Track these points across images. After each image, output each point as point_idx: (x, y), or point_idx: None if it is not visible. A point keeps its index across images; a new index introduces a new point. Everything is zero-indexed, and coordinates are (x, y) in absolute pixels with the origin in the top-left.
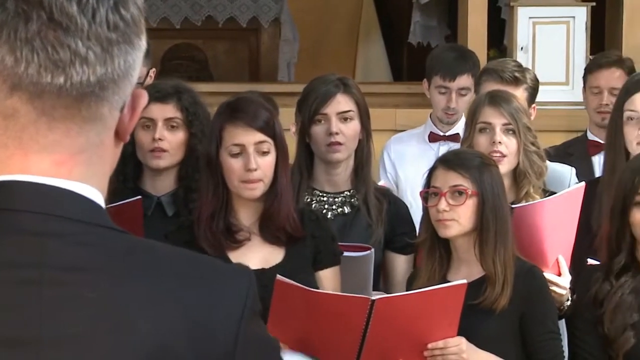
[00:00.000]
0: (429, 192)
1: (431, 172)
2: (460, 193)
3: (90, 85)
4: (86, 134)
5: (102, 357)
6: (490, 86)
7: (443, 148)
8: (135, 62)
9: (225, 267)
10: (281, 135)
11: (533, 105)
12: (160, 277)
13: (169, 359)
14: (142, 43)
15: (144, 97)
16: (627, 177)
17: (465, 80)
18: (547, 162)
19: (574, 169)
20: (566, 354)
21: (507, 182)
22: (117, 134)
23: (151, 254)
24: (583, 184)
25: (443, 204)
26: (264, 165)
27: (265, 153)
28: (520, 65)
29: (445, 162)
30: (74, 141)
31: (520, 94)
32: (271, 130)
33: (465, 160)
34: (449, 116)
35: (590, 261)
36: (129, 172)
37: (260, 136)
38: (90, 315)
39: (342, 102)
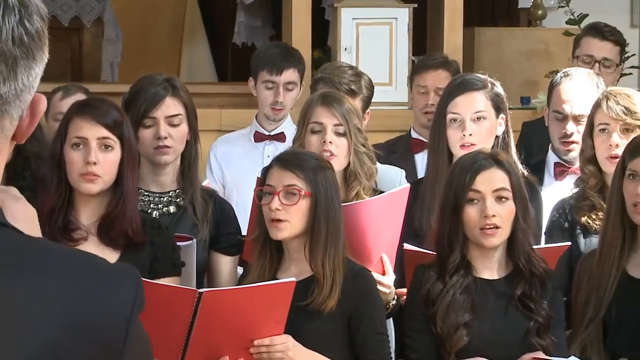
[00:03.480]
0: (263, 191)
1: (267, 170)
2: (294, 193)
3: None
4: None
5: None
6: None
7: (269, 147)
8: (38, 74)
9: (115, 267)
10: (130, 138)
11: (367, 111)
12: (50, 274)
13: (58, 354)
14: (45, 55)
15: (43, 102)
16: (457, 175)
17: (291, 75)
18: (378, 163)
19: (403, 171)
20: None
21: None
22: (14, 137)
23: (42, 251)
24: (408, 185)
25: (276, 203)
26: (105, 161)
27: (108, 149)
28: (356, 73)
29: (281, 161)
30: None
31: (356, 104)
32: (118, 129)
33: (301, 161)
34: (276, 112)
35: (407, 246)
36: None
37: (104, 132)
38: None
39: (171, 106)
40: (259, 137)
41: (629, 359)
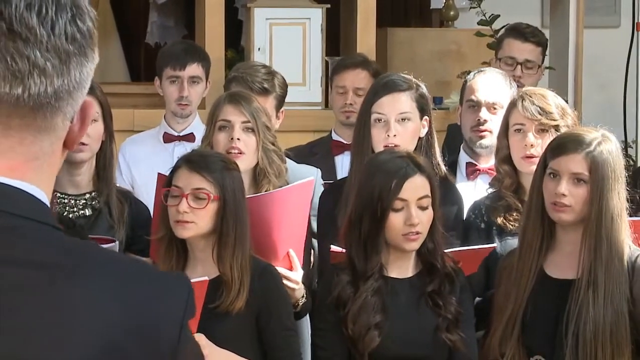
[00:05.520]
0: (169, 191)
1: (174, 171)
2: (202, 197)
3: (47, 96)
4: (40, 143)
5: (45, 348)
6: None
7: (178, 148)
8: (89, 74)
9: (167, 273)
10: None
11: (281, 110)
12: (108, 277)
13: (116, 356)
14: (96, 55)
15: (93, 107)
16: (381, 181)
17: (195, 69)
18: (294, 163)
19: (319, 171)
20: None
21: (246, 180)
22: (65, 144)
23: (99, 255)
24: (312, 178)
25: (184, 206)
26: None
27: None
28: (269, 72)
29: (189, 162)
30: (28, 149)
31: (269, 103)
32: None
33: (209, 163)
34: (183, 107)
35: (334, 248)
36: None
37: None
38: (41, 307)
39: None
40: (168, 138)
41: (543, 356)
